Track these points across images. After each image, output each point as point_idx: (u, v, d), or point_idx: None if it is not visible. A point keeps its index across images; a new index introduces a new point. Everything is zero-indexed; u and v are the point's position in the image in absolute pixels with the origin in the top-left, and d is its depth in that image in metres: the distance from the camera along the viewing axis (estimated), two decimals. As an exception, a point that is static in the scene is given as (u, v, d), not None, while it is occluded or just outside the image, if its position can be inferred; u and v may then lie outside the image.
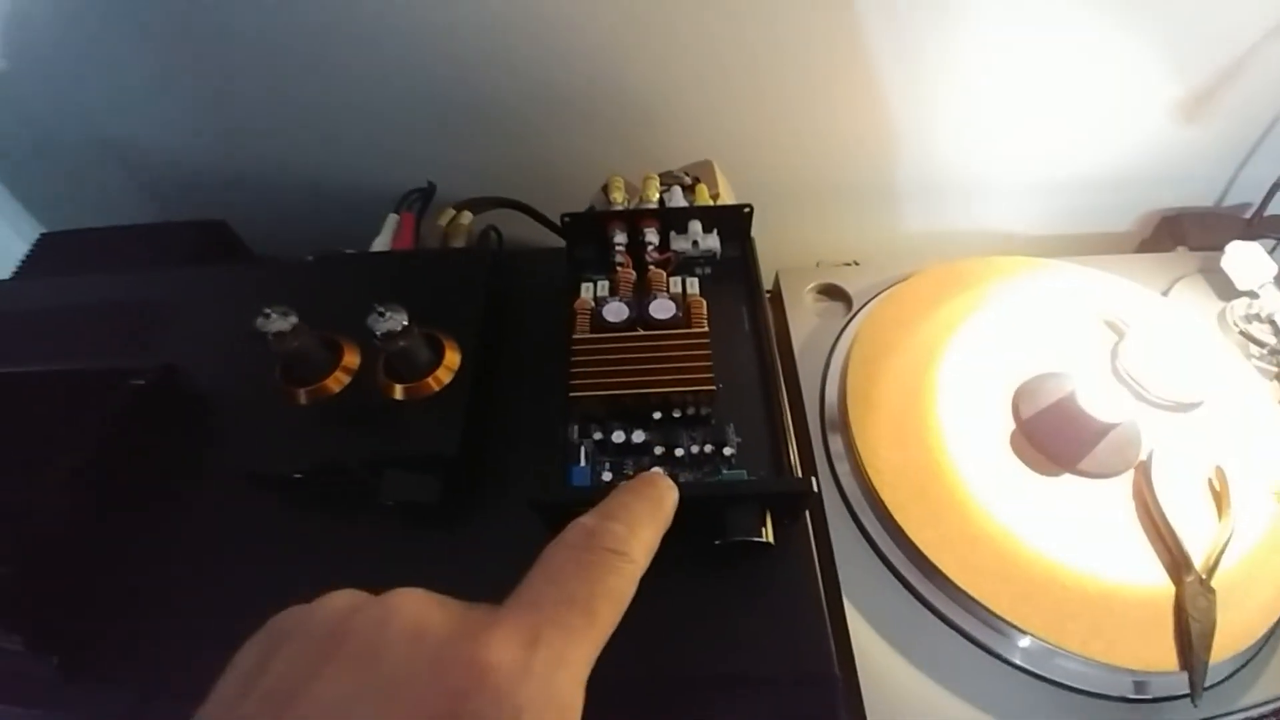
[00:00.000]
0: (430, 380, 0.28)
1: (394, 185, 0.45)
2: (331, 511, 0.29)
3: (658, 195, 0.34)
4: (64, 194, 0.53)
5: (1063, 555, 0.32)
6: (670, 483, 0.19)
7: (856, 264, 0.49)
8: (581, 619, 0.15)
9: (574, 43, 0.43)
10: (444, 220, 0.39)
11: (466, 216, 0.40)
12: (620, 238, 0.32)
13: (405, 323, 0.25)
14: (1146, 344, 0.39)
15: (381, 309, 0.25)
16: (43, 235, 0.46)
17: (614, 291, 0.30)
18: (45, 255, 0.45)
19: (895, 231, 0.57)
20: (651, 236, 0.32)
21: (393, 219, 0.40)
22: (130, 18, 0.42)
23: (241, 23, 0.42)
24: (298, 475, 0.27)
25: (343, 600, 0.15)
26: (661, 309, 0.28)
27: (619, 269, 0.31)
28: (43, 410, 0.31)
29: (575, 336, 0.28)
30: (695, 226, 0.33)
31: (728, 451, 0.26)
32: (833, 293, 0.47)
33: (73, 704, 0.26)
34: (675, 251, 0.32)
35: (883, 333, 0.41)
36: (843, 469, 0.37)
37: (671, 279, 0.31)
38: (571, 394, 0.26)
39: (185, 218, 0.46)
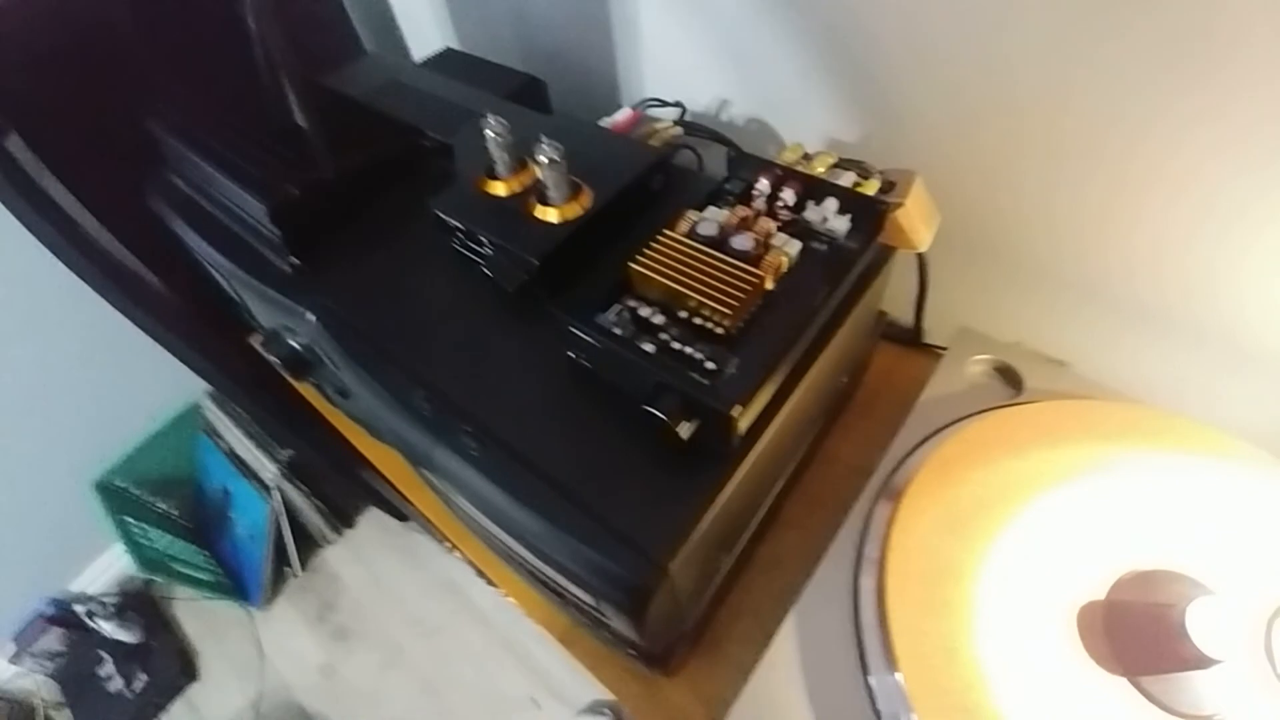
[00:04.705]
0: (561, 208, 0.36)
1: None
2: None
3: (823, 170, 0.36)
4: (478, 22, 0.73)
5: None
6: None
7: (1063, 364, 0.44)
8: None
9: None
10: (648, 131, 0.49)
11: (673, 130, 0.49)
12: (762, 184, 0.36)
13: (556, 158, 0.34)
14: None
15: (546, 141, 0.34)
16: (446, 49, 0.65)
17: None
18: (442, 61, 0.64)
19: (1123, 353, 0.48)
20: (788, 196, 0.35)
21: (625, 110, 0.51)
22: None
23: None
24: (459, 230, 0.38)
25: None
26: (742, 242, 0.32)
27: (743, 207, 0.35)
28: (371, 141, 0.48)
29: (665, 230, 0.33)
30: (830, 204, 0.34)
31: (710, 366, 0.29)
32: (1006, 374, 0.44)
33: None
34: (802, 218, 0.35)
35: (979, 450, 0.37)
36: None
37: (781, 234, 0.34)
38: (630, 263, 0.32)
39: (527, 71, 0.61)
